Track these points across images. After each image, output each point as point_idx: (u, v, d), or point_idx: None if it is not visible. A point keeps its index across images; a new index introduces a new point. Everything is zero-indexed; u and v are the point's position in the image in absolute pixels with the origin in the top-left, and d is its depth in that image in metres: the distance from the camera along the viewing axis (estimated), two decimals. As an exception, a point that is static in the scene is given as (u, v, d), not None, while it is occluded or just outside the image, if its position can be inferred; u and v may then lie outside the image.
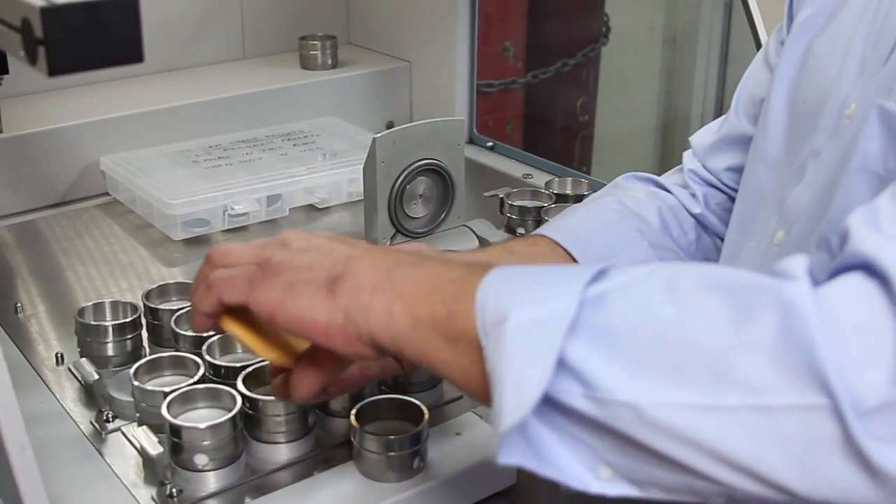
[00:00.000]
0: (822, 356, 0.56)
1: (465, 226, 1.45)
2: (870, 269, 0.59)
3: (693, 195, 1.15)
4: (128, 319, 1.18)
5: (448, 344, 0.70)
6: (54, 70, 0.69)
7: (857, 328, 0.57)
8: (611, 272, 0.66)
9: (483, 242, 1.42)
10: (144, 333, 1.21)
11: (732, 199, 1.11)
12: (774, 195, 0.98)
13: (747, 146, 1.07)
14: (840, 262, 0.62)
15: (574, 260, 1.06)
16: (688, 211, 1.15)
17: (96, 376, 1.07)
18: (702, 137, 1.17)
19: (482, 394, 0.68)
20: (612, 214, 1.13)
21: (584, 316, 0.63)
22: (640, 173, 1.20)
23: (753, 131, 1.07)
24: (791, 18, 1.05)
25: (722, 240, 1.12)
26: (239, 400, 1.00)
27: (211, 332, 1.13)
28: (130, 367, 1.07)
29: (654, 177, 1.19)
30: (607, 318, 0.63)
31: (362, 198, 1.41)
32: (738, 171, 1.11)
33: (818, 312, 0.57)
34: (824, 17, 0.97)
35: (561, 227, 1.11)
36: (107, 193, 1.68)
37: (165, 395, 1.01)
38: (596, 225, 1.11)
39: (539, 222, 1.47)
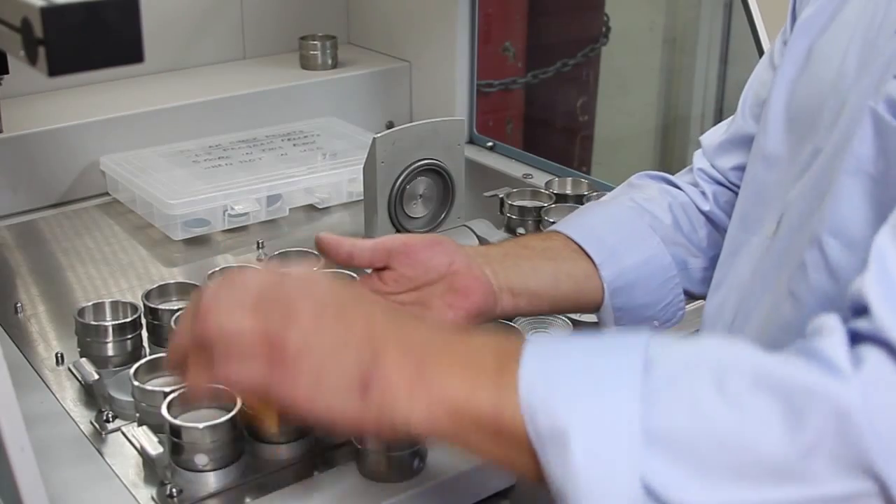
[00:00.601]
0: (871, 448, 0.60)
1: (465, 226, 1.45)
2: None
3: (703, 193, 1.16)
4: (128, 319, 1.18)
5: (494, 438, 0.71)
6: (54, 70, 0.69)
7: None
8: (657, 360, 0.67)
9: (483, 242, 1.41)
10: (144, 333, 1.21)
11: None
12: (776, 192, 0.98)
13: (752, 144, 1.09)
14: (863, 331, 0.64)
15: (587, 255, 1.08)
16: (698, 208, 1.16)
17: (96, 376, 1.07)
18: (711, 137, 1.19)
19: (530, 475, 0.71)
20: (625, 212, 1.14)
21: (647, 428, 0.64)
22: (652, 172, 1.22)
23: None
24: (794, 19, 1.05)
25: (723, 237, 1.12)
26: (239, 400, 1.00)
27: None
28: (130, 367, 1.07)
29: (667, 175, 1.21)
30: (668, 426, 0.65)
31: (362, 198, 1.41)
32: (744, 170, 1.11)
33: (866, 413, 0.61)
34: (825, 17, 0.97)
35: (574, 223, 1.13)
36: (107, 193, 1.68)
37: (165, 395, 1.01)
38: (608, 221, 1.13)
39: (539, 222, 1.48)
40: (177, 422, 0.97)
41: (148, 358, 1.09)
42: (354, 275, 1.13)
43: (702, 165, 1.18)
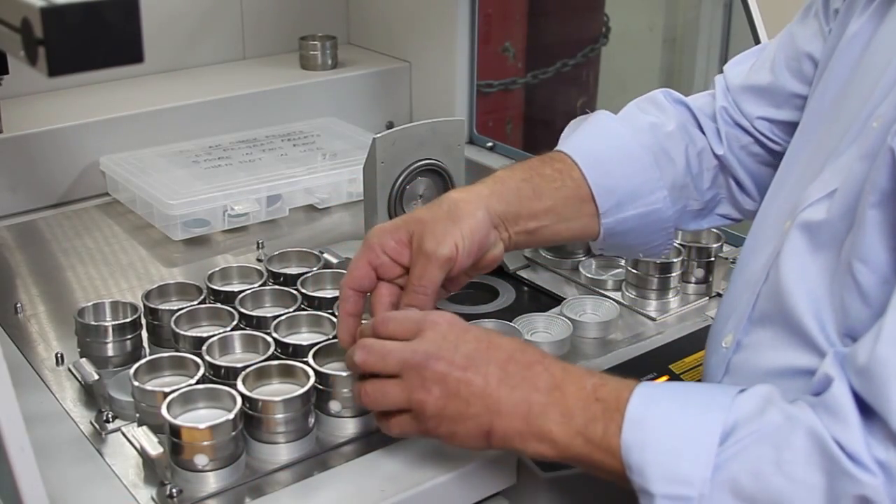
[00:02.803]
0: None
1: (465, 226, 1.45)
2: None
3: (719, 133, 1.17)
4: (128, 319, 1.18)
5: (593, 468, 0.91)
6: (54, 70, 0.69)
7: None
8: (734, 434, 0.82)
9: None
10: (144, 333, 1.21)
11: (760, 145, 1.15)
12: (794, 187, 0.99)
13: (786, 100, 1.12)
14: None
15: (594, 199, 1.12)
16: (712, 151, 1.17)
17: (96, 376, 1.07)
18: (736, 70, 1.19)
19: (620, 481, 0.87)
20: (641, 152, 1.14)
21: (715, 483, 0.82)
22: (676, 94, 1.21)
23: (795, 86, 1.11)
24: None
25: (737, 182, 1.17)
26: (239, 400, 1.00)
27: (211, 333, 1.13)
28: (130, 368, 1.07)
29: (690, 105, 1.20)
30: (733, 486, 0.81)
31: (362, 198, 1.41)
32: (772, 122, 1.14)
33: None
34: (867, 34, 0.98)
35: (593, 159, 1.13)
36: (107, 193, 1.68)
37: (165, 395, 1.01)
38: (624, 163, 1.14)
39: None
40: (177, 422, 0.97)
41: (148, 358, 1.09)
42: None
43: (725, 104, 1.18)
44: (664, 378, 1.19)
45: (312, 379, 1.04)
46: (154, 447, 0.96)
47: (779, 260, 0.93)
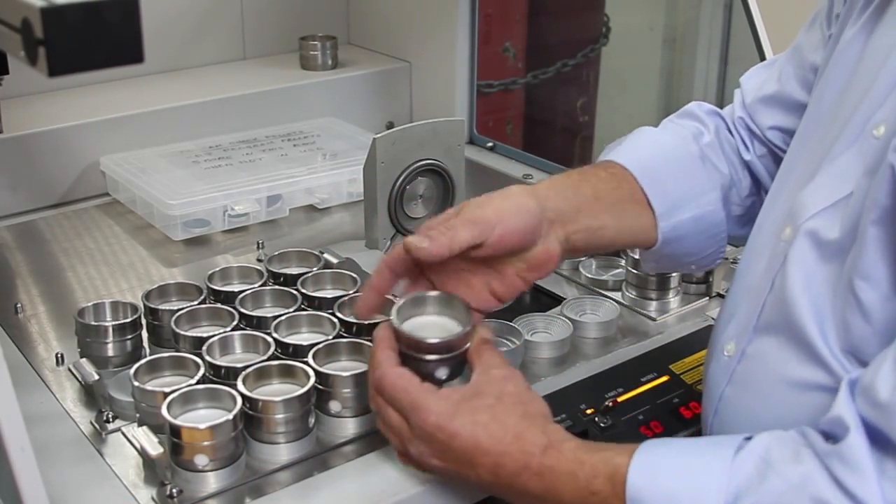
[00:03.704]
0: None
1: (465, 226, 1.45)
2: None
3: (744, 141, 1.19)
4: (128, 320, 1.18)
5: None
6: (54, 70, 0.69)
7: None
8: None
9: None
10: (144, 334, 1.21)
11: (773, 155, 1.16)
12: (790, 190, 0.99)
13: (795, 109, 1.12)
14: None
15: (650, 204, 1.10)
16: (740, 157, 1.19)
17: (96, 376, 1.07)
18: (751, 83, 1.20)
19: None
20: (690, 159, 1.15)
21: None
22: (708, 105, 1.22)
23: (803, 96, 1.11)
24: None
25: (760, 187, 1.18)
26: (239, 400, 1.00)
27: (210, 333, 1.13)
28: (130, 368, 1.07)
29: (721, 114, 1.21)
30: None
31: (362, 198, 1.41)
32: (783, 130, 1.15)
33: None
34: (863, 39, 0.98)
35: (644, 165, 1.12)
36: (107, 194, 1.68)
37: (165, 395, 1.01)
38: (675, 168, 1.14)
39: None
40: (177, 422, 0.97)
41: (148, 358, 1.09)
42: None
43: (742, 115, 1.19)
44: (664, 378, 1.19)
45: (312, 379, 1.04)
46: (154, 447, 0.96)
47: (785, 269, 0.92)
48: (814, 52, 1.11)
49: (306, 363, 1.06)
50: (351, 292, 1.24)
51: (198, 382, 1.05)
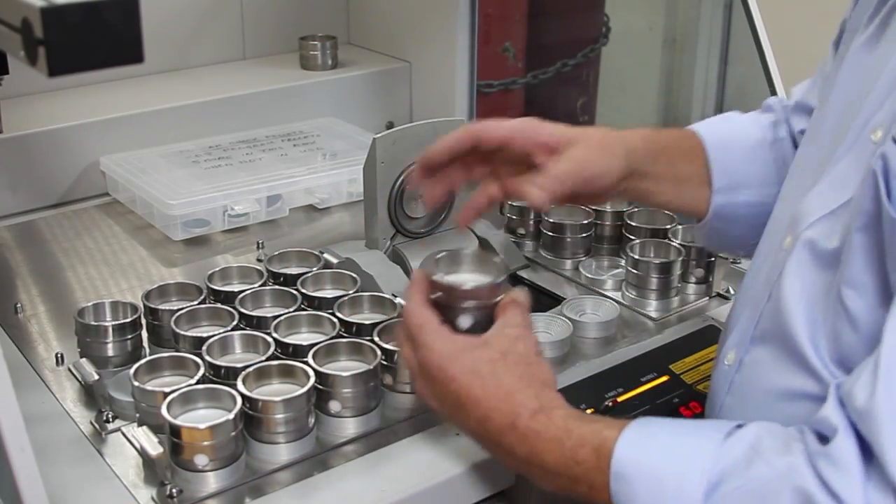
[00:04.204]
0: None
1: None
2: None
3: (794, 142, 1.21)
4: (128, 319, 1.18)
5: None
6: (54, 70, 0.69)
7: None
8: (719, 488, 0.80)
9: (483, 242, 1.42)
10: (144, 333, 1.21)
11: None
12: (792, 198, 0.98)
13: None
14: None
15: (707, 158, 1.15)
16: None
17: (96, 376, 1.07)
18: (796, 88, 1.22)
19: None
20: (764, 145, 1.18)
21: None
22: (788, 103, 1.23)
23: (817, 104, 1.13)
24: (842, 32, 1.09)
25: None
26: (239, 400, 1.00)
27: (210, 333, 1.13)
28: (130, 368, 1.07)
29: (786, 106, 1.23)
30: None
31: (362, 198, 1.41)
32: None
33: None
34: (867, 50, 0.98)
35: (712, 129, 1.18)
36: (107, 193, 1.68)
37: (165, 395, 1.01)
38: (745, 144, 1.18)
39: (539, 223, 1.48)
40: (177, 422, 0.97)
41: (148, 358, 1.09)
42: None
43: (788, 117, 1.21)
44: (664, 378, 1.20)
45: (312, 379, 1.04)
46: (154, 447, 0.96)
47: (781, 278, 0.92)
48: (830, 63, 1.12)
49: (306, 363, 1.06)
50: (350, 292, 1.24)
51: (198, 382, 1.05)
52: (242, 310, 1.19)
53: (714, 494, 0.80)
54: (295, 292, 1.23)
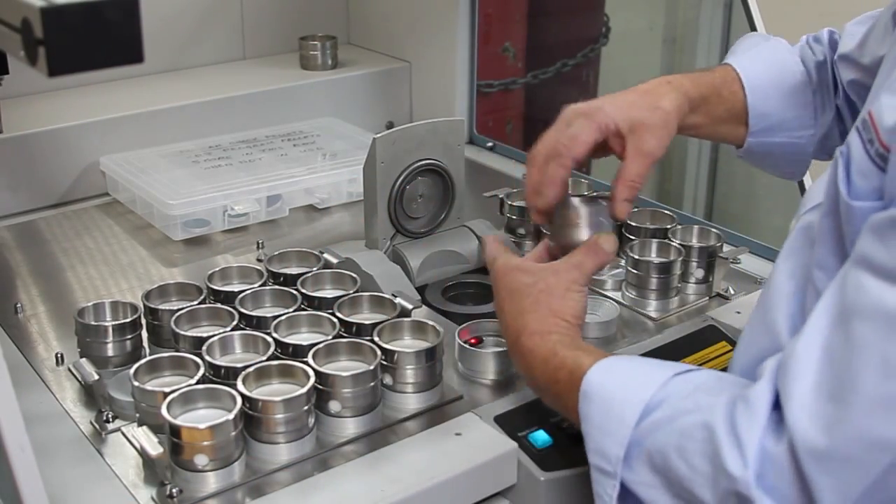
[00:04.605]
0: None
1: (464, 226, 1.45)
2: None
3: (836, 84, 1.24)
4: (128, 319, 1.18)
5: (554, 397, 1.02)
6: (54, 70, 0.69)
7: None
8: (652, 413, 0.88)
9: (483, 243, 1.41)
10: (144, 333, 1.21)
11: (852, 107, 1.23)
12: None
13: (862, 70, 1.17)
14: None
15: (746, 103, 1.21)
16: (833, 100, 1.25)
17: (96, 376, 1.07)
18: (847, 32, 1.22)
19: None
20: (804, 86, 1.23)
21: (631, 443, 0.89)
22: (835, 36, 1.24)
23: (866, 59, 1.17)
24: None
25: (842, 124, 1.25)
26: (239, 400, 1.00)
27: (210, 333, 1.13)
28: (130, 368, 1.07)
29: (835, 37, 1.25)
30: (648, 459, 0.87)
31: (362, 198, 1.41)
32: (860, 85, 1.19)
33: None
34: None
35: (753, 71, 1.22)
36: (107, 193, 1.68)
37: (165, 395, 1.01)
38: (784, 88, 1.23)
39: (538, 223, 1.47)
40: (177, 422, 0.97)
41: (148, 358, 1.09)
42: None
43: (835, 59, 1.23)
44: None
45: (312, 379, 1.04)
46: (154, 447, 0.96)
47: (778, 257, 0.96)
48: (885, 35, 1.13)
49: (306, 363, 1.06)
50: (350, 292, 1.24)
51: (198, 382, 1.05)
52: (242, 310, 1.19)
53: (645, 420, 0.88)
54: (295, 292, 1.23)
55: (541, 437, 1.07)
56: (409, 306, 1.21)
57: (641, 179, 1.14)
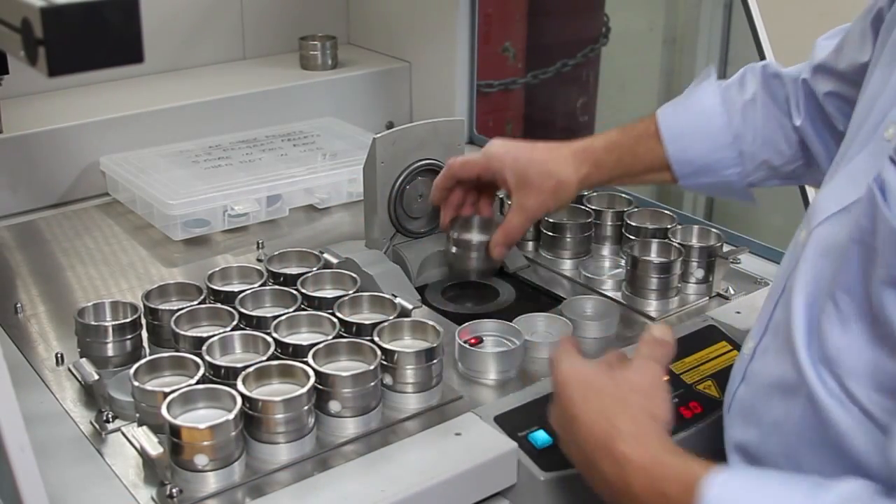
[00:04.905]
0: None
1: (465, 226, 1.45)
2: None
3: (798, 106, 1.23)
4: (128, 319, 1.18)
5: None
6: (54, 70, 0.69)
7: None
8: None
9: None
10: (144, 334, 1.21)
11: (828, 122, 1.21)
12: (816, 196, 0.99)
13: (841, 79, 1.16)
14: None
15: (667, 155, 1.26)
16: (792, 123, 1.24)
17: (96, 376, 1.07)
18: (819, 46, 1.22)
19: None
20: (723, 129, 1.25)
21: None
22: (774, 68, 1.27)
23: (845, 68, 1.15)
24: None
25: (811, 153, 1.23)
26: (239, 400, 1.00)
27: (210, 333, 1.13)
28: (130, 367, 1.07)
29: (784, 78, 1.25)
30: None
31: (362, 198, 1.41)
32: (839, 97, 1.18)
33: None
34: None
35: (674, 125, 1.27)
36: (107, 193, 1.68)
37: (165, 395, 1.01)
38: (703, 133, 1.26)
39: (539, 223, 1.47)
40: (177, 422, 0.97)
41: (148, 358, 1.09)
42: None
43: (807, 76, 1.22)
44: (664, 378, 1.19)
45: (312, 379, 1.04)
46: (154, 447, 0.96)
47: (794, 273, 0.93)
48: (860, 40, 1.12)
49: (306, 363, 1.06)
50: (350, 292, 1.24)
51: (198, 382, 1.05)
52: (242, 310, 1.19)
53: None
54: (295, 292, 1.23)
55: (541, 437, 1.07)
56: (409, 306, 1.21)
57: (518, 231, 1.29)
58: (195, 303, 1.22)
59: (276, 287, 1.25)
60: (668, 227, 1.42)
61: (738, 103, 1.26)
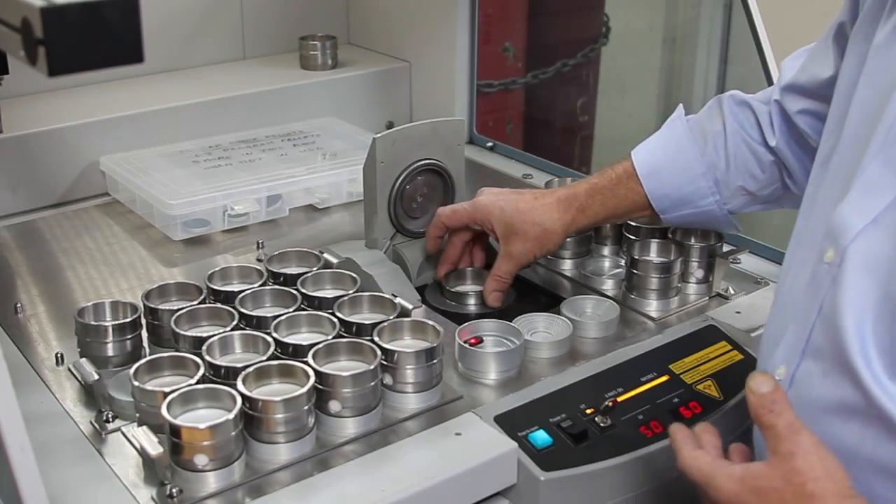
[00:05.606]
0: None
1: (465, 226, 1.45)
2: None
3: (772, 126, 1.25)
4: (128, 319, 1.18)
5: None
6: (54, 70, 0.69)
7: None
8: None
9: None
10: (144, 333, 1.21)
11: (803, 140, 1.22)
12: (823, 206, 0.97)
13: (814, 96, 1.17)
14: None
15: (645, 192, 1.30)
16: (766, 144, 1.26)
17: (96, 376, 1.07)
18: (787, 66, 1.24)
19: None
20: (696, 161, 1.28)
21: None
22: (740, 97, 1.29)
23: (816, 85, 1.17)
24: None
25: (790, 173, 1.26)
26: (239, 400, 1.00)
27: (210, 333, 1.13)
28: (130, 367, 1.07)
29: (752, 104, 1.27)
30: None
31: (362, 198, 1.41)
32: (812, 114, 1.20)
33: None
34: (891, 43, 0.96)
35: (648, 162, 1.30)
36: (107, 193, 1.68)
37: (165, 395, 1.01)
38: (676, 167, 1.30)
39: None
40: (177, 422, 0.97)
41: (148, 358, 1.09)
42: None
43: (778, 97, 1.24)
44: (664, 378, 1.19)
45: (312, 379, 1.04)
46: (154, 447, 0.96)
47: (836, 293, 0.90)
48: (830, 57, 1.13)
49: (306, 363, 1.06)
50: (350, 292, 1.24)
51: (198, 382, 1.05)
52: (242, 310, 1.19)
53: None
54: (295, 292, 1.23)
55: (541, 437, 1.07)
56: (409, 306, 1.21)
57: (508, 277, 1.33)
58: (195, 303, 1.22)
59: (276, 287, 1.25)
60: (668, 226, 1.42)
61: (708, 134, 1.29)
